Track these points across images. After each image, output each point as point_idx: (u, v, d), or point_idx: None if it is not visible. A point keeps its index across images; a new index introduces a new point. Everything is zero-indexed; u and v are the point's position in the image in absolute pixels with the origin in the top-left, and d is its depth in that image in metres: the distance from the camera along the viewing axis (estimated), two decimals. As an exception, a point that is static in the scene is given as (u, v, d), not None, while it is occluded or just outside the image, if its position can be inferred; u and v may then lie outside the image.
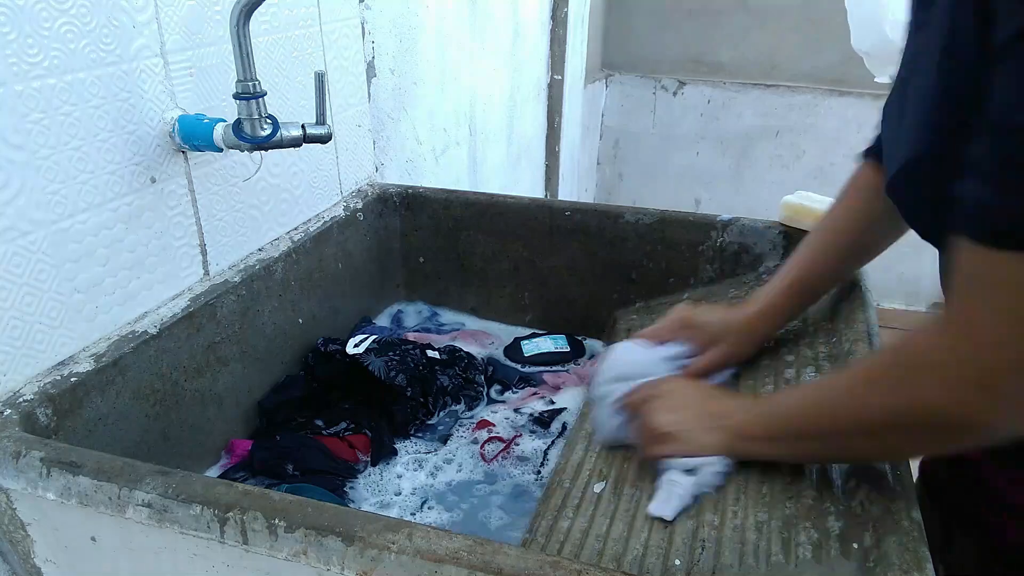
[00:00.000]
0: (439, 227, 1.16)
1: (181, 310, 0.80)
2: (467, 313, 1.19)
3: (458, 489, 0.81)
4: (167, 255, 0.80)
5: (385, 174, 1.26)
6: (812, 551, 0.53)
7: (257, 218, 0.93)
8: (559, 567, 0.46)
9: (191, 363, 0.81)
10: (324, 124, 0.79)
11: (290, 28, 0.93)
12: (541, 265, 1.13)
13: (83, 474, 0.55)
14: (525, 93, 2.00)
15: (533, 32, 1.98)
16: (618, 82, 2.91)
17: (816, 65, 2.64)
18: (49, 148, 0.65)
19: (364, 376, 0.91)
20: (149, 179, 0.76)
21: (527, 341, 1.08)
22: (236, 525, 0.51)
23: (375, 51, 1.17)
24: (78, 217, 0.69)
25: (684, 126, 2.88)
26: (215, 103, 0.83)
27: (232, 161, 0.87)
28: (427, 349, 0.98)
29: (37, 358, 0.67)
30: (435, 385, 0.93)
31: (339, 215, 1.07)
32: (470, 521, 0.76)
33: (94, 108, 0.69)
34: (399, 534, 0.48)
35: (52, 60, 0.64)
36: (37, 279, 0.66)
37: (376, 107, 1.20)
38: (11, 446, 0.58)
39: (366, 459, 0.85)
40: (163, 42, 0.75)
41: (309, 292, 1.01)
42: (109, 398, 0.71)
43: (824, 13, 2.55)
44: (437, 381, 0.94)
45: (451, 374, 0.96)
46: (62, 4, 0.64)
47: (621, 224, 1.05)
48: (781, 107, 2.71)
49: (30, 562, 0.65)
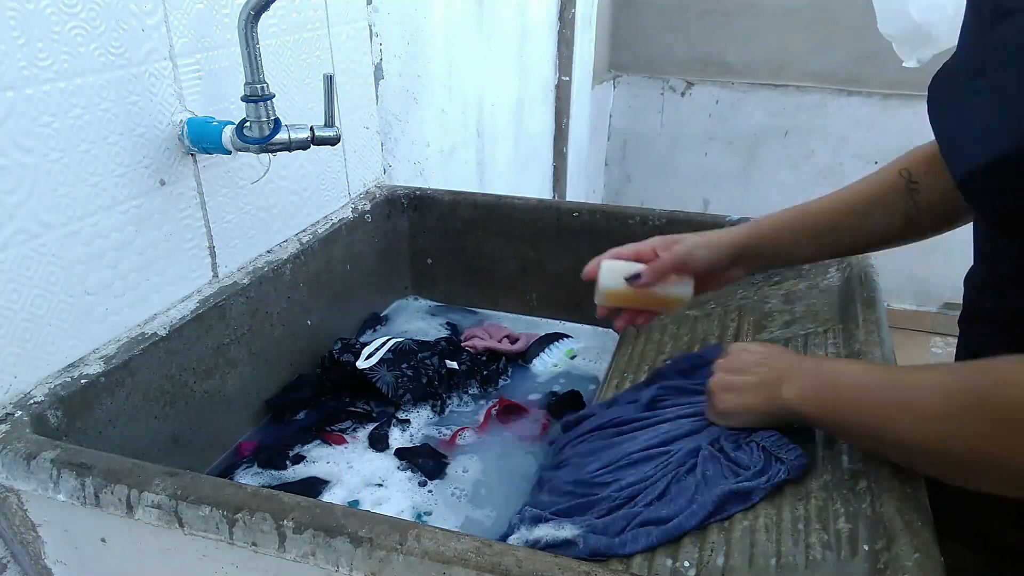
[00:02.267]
0: (447, 229, 1.16)
1: (190, 312, 0.80)
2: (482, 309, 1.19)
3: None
4: (176, 257, 0.81)
5: (393, 176, 1.26)
6: (822, 552, 0.53)
7: (266, 220, 0.93)
8: (567, 569, 0.46)
9: (200, 364, 0.81)
10: (332, 126, 0.80)
11: (298, 31, 0.93)
12: (549, 266, 1.12)
13: (93, 475, 0.55)
14: (533, 94, 2.00)
15: (540, 33, 1.98)
16: (626, 83, 2.90)
17: (825, 65, 2.63)
18: (59, 151, 0.66)
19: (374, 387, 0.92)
20: (158, 182, 0.77)
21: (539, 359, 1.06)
22: (245, 526, 0.51)
23: (383, 53, 1.17)
24: (88, 220, 0.70)
25: (692, 127, 2.87)
26: (224, 106, 0.83)
27: (241, 163, 0.87)
28: (447, 360, 0.98)
29: (47, 360, 0.67)
30: (446, 405, 0.94)
31: (347, 217, 1.07)
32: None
33: (103, 111, 0.69)
34: (407, 535, 0.48)
35: (62, 64, 0.65)
36: (47, 281, 0.66)
37: (384, 109, 1.20)
38: (22, 448, 0.58)
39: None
40: (172, 45, 0.75)
41: (317, 294, 1.01)
42: (119, 400, 0.71)
43: (833, 13, 2.54)
44: (449, 399, 0.95)
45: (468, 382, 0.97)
46: (72, 8, 0.65)
47: (630, 225, 1.05)
48: (790, 107, 2.70)
49: (41, 563, 0.65)
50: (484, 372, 0.99)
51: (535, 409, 0.92)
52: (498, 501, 0.78)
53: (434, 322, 1.15)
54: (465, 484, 0.81)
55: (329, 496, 0.78)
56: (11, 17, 0.60)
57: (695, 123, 2.86)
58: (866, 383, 0.56)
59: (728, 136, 2.82)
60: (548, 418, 0.91)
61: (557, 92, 2.19)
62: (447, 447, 0.86)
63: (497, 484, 0.81)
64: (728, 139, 2.82)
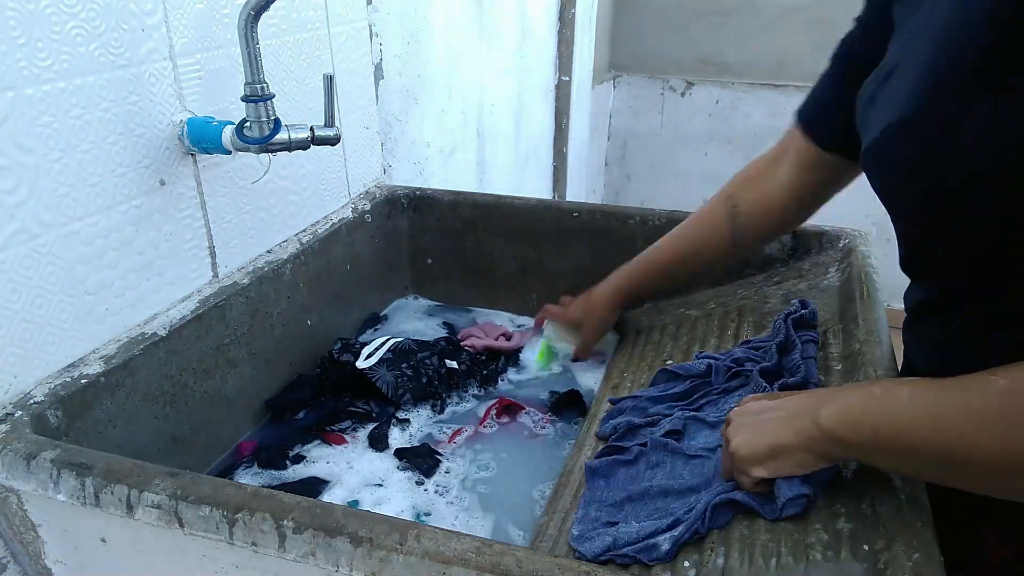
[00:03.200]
0: (447, 228, 1.16)
1: (190, 312, 0.80)
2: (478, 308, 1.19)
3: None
4: (176, 257, 0.81)
5: (393, 176, 1.26)
6: (822, 553, 0.53)
7: (266, 220, 0.93)
8: (567, 569, 0.46)
9: (200, 365, 0.81)
10: (332, 126, 0.80)
11: (298, 31, 0.93)
12: (549, 266, 1.12)
13: (93, 475, 0.55)
14: (533, 94, 2.00)
15: (541, 33, 1.98)
16: (626, 83, 2.90)
17: (825, 65, 2.63)
18: (59, 151, 0.66)
19: (374, 387, 0.92)
20: (158, 182, 0.77)
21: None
22: (245, 526, 0.51)
23: (383, 53, 1.17)
24: (88, 220, 0.70)
25: (692, 127, 2.87)
26: (224, 106, 0.83)
27: (241, 163, 0.87)
28: (446, 359, 0.98)
29: (47, 360, 0.67)
30: (446, 404, 0.94)
31: (347, 217, 1.07)
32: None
33: (103, 111, 0.69)
34: (407, 535, 0.48)
35: (62, 64, 0.65)
36: (47, 281, 0.66)
37: (384, 109, 1.20)
38: (22, 448, 0.58)
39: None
40: (172, 45, 0.75)
41: (318, 294, 1.01)
42: (119, 400, 0.71)
43: (833, 13, 2.54)
44: (448, 398, 0.95)
45: (467, 381, 0.97)
46: (72, 8, 0.65)
47: (629, 225, 1.05)
48: (790, 107, 2.68)
49: (41, 563, 0.65)
50: (484, 371, 0.99)
51: (535, 408, 0.92)
52: (498, 500, 0.78)
53: (432, 322, 1.15)
54: (465, 484, 0.81)
55: (329, 496, 0.78)
56: (11, 17, 0.60)
57: (695, 123, 2.86)
58: (921, 391, 0.49)
59: (728, 136, 2.82)
60: (549, 417, 0.91)
61: (557, 92, 2.19)
62: (447, 447, 0.86)
63: (497, 484, 0.81)
64: (728, 139, 2.82)
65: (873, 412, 0.50)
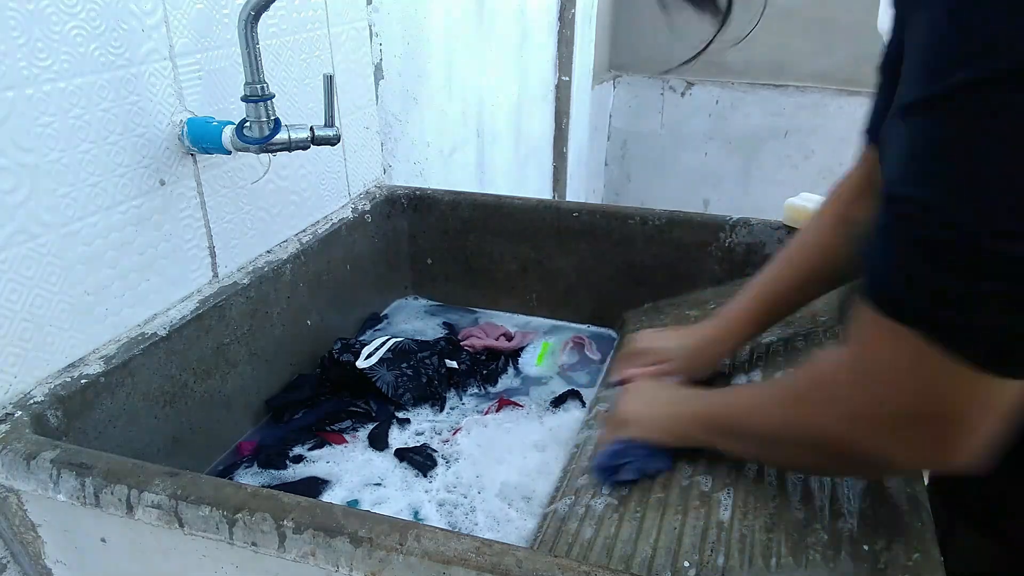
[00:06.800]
0: (447, 229, 1.16)
1: (190, 312, 0.80)
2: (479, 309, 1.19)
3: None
4: (176, 257, 0.81)
5: (393, 176, 1.26)
6: (822, 553, 0.53)
7: (266, 220, 0.93)
8: (567, 569, 0.46)
9: (200, 365, 0.81)
10: (332, 126, 0.80)
11: (298, 31, 0.93)
12: (549, 267, 1.12)
13: (93, 475, 0.55)
14: (532, 94, 2.00)
15: (540, 33, 1.98)
16: (626, 83, 2.90)
17: (825, 65, 2.63)
18: (59, 151, 0.66)
19: (374, 387, 0.92)
20: (158, 182, 0.77)
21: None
22: (245, 526, 0.51)
23: (383, 53, 1.17)
24: (88, 220, 0.70)
25: (692, 126, 2.87)
26: (224, 106, 0.83)
27: (241, 163, 0.87)
28: (446, 359, 0.98)
29: (47, 360, 0.67)
30: (446, 404, 0.94)
31: (347, 217, 1.07)
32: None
33: (103, 111, 0.69)
34: (407, 535, 0.48)
35: (62, 64, 0.65)
36: (47, 281, 0.66)
37: (384, 109, 1.20)
38: (22, 448, 0.58)
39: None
40: (172, 45, 0.75)
41: (317, 294, 1.01)
42: (119, 400, 0.71)
43: (833, 13, 2.54)
44: (449, 398, 0.95)
45: (468, 381, 0.97)
46: (72, 8, 0.65)
47: (629, 225, 1.05)
48: (790, 107, 2.70)
49: (41, 563, 0.65)
50: (484, 371, 0.99)
51: (535, 408, 0.92)
52: (498, 500, 0.78)
53: (432, 322, 1.15)
54: (465, 483, 0.81)
55: (329, 496, 0.78)
56: (11, 17, 0.60)
57: (695, 123, 2.86)
58: (755, 386, 0.64)
59: (728, 136, 2.82)
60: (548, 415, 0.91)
61: (557, 92, 2.19)
62: (447, 447, 0.86)
63: (497, 483, 0.81)
64: (728, 139, 2.82)
65: (717, 404, 0.63)
